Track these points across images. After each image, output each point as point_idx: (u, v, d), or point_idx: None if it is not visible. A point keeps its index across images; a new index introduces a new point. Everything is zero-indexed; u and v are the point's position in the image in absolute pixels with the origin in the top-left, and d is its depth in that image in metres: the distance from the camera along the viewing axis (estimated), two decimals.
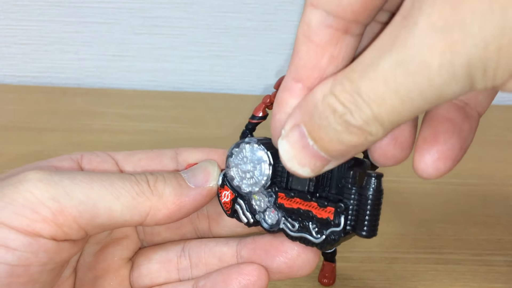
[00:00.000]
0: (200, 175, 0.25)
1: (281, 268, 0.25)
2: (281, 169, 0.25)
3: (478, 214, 0.48)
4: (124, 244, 0.28)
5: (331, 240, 0.23)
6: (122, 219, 0.23)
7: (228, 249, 0.27)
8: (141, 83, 0.76)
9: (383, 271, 0.40)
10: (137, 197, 0.23)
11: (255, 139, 0.25)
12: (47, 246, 0.21)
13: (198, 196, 0.25)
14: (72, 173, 0.23)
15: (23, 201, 0.21)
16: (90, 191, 0.22)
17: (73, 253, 0.23)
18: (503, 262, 0.41)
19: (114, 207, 0.22)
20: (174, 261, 0.28)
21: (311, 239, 0.23)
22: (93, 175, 0.23)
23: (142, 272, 0.28)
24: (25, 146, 0.57)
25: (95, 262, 0.27)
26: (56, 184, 0.22)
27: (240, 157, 0.25)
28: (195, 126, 0.62)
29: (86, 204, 0.22)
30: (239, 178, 0.25)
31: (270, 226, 0.25)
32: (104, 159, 0.27)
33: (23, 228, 0.21)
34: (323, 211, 0.23)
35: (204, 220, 0.29)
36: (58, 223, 0.21)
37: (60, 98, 0.70)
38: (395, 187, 0.52)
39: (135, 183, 0.23)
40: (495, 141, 0.62)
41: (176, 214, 0.24)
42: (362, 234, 0.22)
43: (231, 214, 0.26)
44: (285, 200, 0.24)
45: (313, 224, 0.23)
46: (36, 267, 0.21)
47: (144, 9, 0.72)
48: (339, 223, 0.22)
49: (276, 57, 0.74)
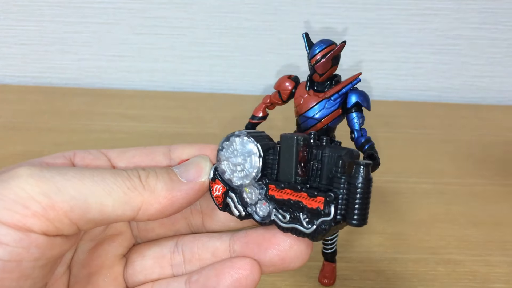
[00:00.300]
0: (192, 170, 0.26)
1: (274, 261, 0.25)
2: (271, 161, 0.25)
3: (478, 214, 0.48)
4: (118, 240, 0.28)
5: (321, 230, 0.23)
6: (114, 214, 0.23)
7: (221, 243, 0.27)
8: (141, 83, 0.76)
9: (383, 271, 0.40)
10: (128, 192, 0.23)
11: (245, 132, 0.25)
12: (39, 241, 0.21)
13: (190, 191, 0.25)
14: (63, 169, 0.23)
15: (14, 197, 0.21)
16: (81, 186, 0.22)
17: (66, 249, 0.23)
18: (503, 262, 0.41)
19: (105, 202, 0.22)
20: (167, 257, 0.28)
21: (302, 230, 0.23)
22: (84, 171, 0.23)
23: (136, 268, 0.28)
24: (25, 146, 0.57)
25: (89, 259, 0.27)
26: (47, 180, 0.22)
27: (231, 150, 0.25)
28: (195, 126, 0.62)
29: (77, 199, 0.22)
30: (230, 171, 0.26)
31: (261, 218, 0.25)
32: (97, 157, 0.27)
33: (14, 223, 0.20)
34: (313, 201, 0.23)
35: (198, 215, 0.29)
36: (49, 218, 0.21)
37: (60, 98, 0.70)
38: (395, 187, 0.52)
39: (127, 178, 0.23)
40: (495, 141, 0.62)
41: (168, 209, 0.24)
42: (353, 223, 0.22)
43: (223, 208, 0.26)
44: (276, 192, 0.24)
45: (303, 214, 0.23)
46: (27, 263, 0.21)
47: (144, 9, 0.72)
48: (329, 213, 0.22)
49: (276, 57, 0.74)
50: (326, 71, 0.31)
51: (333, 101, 0.31)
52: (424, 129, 0.66)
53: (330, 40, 0.31)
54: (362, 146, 0.31)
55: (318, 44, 0.31)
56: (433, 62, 0.74)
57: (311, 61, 0.31)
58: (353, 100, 0.31)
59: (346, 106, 0.31)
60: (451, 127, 0.66)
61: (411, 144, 0.61)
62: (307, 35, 0.32)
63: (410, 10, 0.70)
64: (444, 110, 0.72)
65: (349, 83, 0.31)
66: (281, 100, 0.34)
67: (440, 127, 0.66)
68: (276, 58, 0.74)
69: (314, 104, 0.31)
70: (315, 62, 0.30)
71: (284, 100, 0.34)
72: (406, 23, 0.71)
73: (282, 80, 0.34)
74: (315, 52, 0.31)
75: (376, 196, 0.50)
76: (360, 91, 0.32)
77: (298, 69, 0.72)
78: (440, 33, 0.72)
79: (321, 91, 0.32)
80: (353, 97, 0.31)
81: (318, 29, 0.70)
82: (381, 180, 0.52)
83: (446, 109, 0.72)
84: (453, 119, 0.69)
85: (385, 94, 0.76)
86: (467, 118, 0.69)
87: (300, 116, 0.32)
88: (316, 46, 0.31)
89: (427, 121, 0.68)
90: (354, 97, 0.31)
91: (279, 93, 0.34)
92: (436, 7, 0.70)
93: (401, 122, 0.67)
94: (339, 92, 0.31)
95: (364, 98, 0.31)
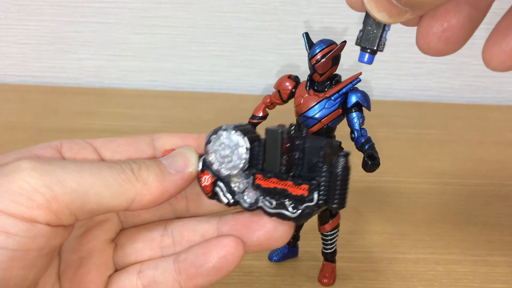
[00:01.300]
0: (180, 161, 0.27)
1: (260, 240, 0.27)
2: (256, 152, 0.27)
3: (478, 214, 0.48)
4: (106, 226, 0.30)
5: (306, 214, 0.25)
6: (110, 205, 0.24)
7: (209, 226, 0.29)
8: (141, 83, 0.76)
9: (383, 271, 0.40)
10: (124, 184, 0.24)
11: (232, 126, 0.27)
12: (43, 231, 0.22)
13: (179, 181, 0.26)
14: (62, 162, 0.24)
15: (19, 190, 0.22)
16: (81, 179, 0.23)
17: (65, 238, 0.24)
18: (503, 262, 0.41)
19: (103, 193, 0.24)
20: (157, 240, 0.30)
21: (288, 214, 0.25)
22: (83, 164, 0.24)
23: (127, 251, 0.30)
24: (25, 145, 0.56)
25: (79, 245, 0.29)
26: (49, 173, 0.23)
27: (218, 143, 0.27)
28: (195, 126, 0.62)
29: (77, 191, 0.23)
30: (218, 163, 0.27)
31: (249, 205, 0.27)
32: (83, 147, 0.29)
33: (20, 214, 0.22)
34: (298, 188, 0.25)
35: (183, 201, 0.31)
36: (52, 209, 0.22)
37: (60, 98, 0.70)
38: (395, 187, 0.52)
39: (121, 171, 0.25)
40: (495, 141, 0.62)
41: (160, 199, 0.26)
42: (333, 207, 0.25)
43: (211, 196, 0.28)
44: (262, 181, 0.26)
45: (289, 200, 0.25)
46: (34, 252, 0.22)
47: (144, 9, 0.72)
48: (313, 199, 0.25)
49: (276, 57, 0.74)
50: (326, 71, 0.31)
51: (333, 101, 0.31)
52: (424, 129, 0.66)
53: (330, 40, 0.31)
54: (362, 146, 0.31)
55: (318, 44, 0.31)
56: (433, 62, 0.74)
57: (311, 61, 0.31)
58: (353, 100, 0.31)
59: (346, 106, 0.31)
60: (451, 127, 0.66)
61: (411, 144, 0.61)
62: (307, 35, 0.32)
63: None
64: (444, 110, 0.72)
65: (349, 83, 0.31)
66: (281, 100, 0.34)
67: (440, 127, 0.66)
68: (276, 58, 0.74)
69: (314, 104, 0.32)
70: (315, 62, 0.31)
71: (284, 100, 0.34)
72: None
73: (282, 80, 0.34)
74: (315, 52, 0.31)
75: (376, 196, 0.50)
76: (360, 91, 0.32)
77: (298, 69, 0.72)
78: None
79: (321, 91, 0.32)
80: (353, 97, 0.31)
81: (318, 29, 0.70)
82: (381, 180, 0.52)
83: (446, 109, 0.72)
84: (453, 119, 0.69)
85: (385, 94, 0.76)
86: (467, 118, 0.69)
87: (300, 116, 0.32)
88: (316, 46, 0.31)
89: (427, 121, 0.68)
90: (354, 97, 0.31)
91: (279, 93, 0.34)
92: None
93: (401, 122, 0.67)
94: (339, 92, 0.31)
95: (364, 98, 0.31)
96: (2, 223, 0.21)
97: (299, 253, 0.41)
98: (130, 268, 0.29)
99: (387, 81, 0.75)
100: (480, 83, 0.76)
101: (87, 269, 0.28)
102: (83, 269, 0.28)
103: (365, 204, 0.48)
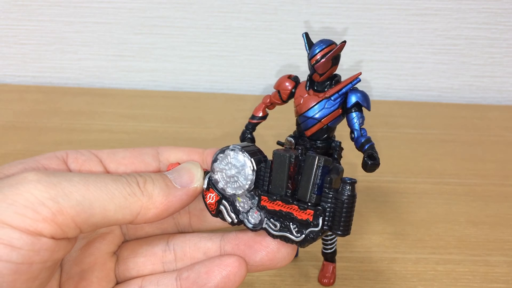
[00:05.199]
0: (185, 176, 0.27)
1: (263, 261, 0.27)
2: (262, 173, 0.27)
3: (477, 214, 0.48)
4: (109, 238, 0.30)
5: (310, 239, 0.25)
6: (114, 218, 0.24)
7: (212, 244, 0.29)
8: (141, 83, 0.76)
9: (383, 271, 0.40)
10: (129, 198, 0.24)
11: (239, 146, 0.27)
12: (48, 245, 0.22)
13: (184, 196, 0.26)
14: (68, 175, 0.24)
15: (24, 202, 0.22)
16: (86, 192, 0.23)
17: (68, 250, 0.24)
18: (503, 262, 0.41)
19: (108, 207, 0.23)
20: (159, 255, 0.30)
21: (292, 238, 0.26)
22: (88, 177, 0.24)
23: (129, 265, 0.30)
24: (25, 145, 0.57)
25: (81, 257, 0.29)
26: (55, 186, 0.23)
27: (225, 163, 0.27)
28: (195, 126, 0.62)
29: (83, 204, 0.23)
30: (224, 182, 0.27)
31: (253, 225, 0.27)
32: (88, 158, 0.28)
33: (25, 228, 0.21)
34: (303, 213, 0.25)
35: (185, 216, 0.31)
36: (58, 222, 0.22)
37: (60, 98, 0.70)
38: (395, 187, 0.52)
39: (127, 184, 0.25)
40: (495, 141, 0.62)
41: (164, 213, 0.26)
42: (338, 234, 0.25)
43: (215, 214, 0.28)
44: (268, 203, 0.26)
45: (293, 224, 0.26)
46: (37, 265, 0.22)
47: (144, 9, 0.72)
48: (318, 224, 0.25)
49: (276, 57, 0.74)
50: (326, 71, 0.31)
51: (333, 101, 0.31)
52: (424, 129, 0.66)
53: (330, 40, 0.31)
54: (362, 146, 0.31)
55: (318, 44, 0.31)
56: (433, 62, 0.74)
57: (311, 61, 0.31)
58: (353, 100, 0.31)
59: (346, 106, 0.31)
60: (451, 127, 0.66)
61: (411, 144, 0.61)
62: (307, 35, 0.32)
63: (410, 10, 0.70)
64: (444, 110, 0.72)
65: (349, 83, 0.31)
66: (281, 100, 0.34)
67: (440, 127, 0.66)
68: (276, 58, 0.74)
69: (314, 104, 0.31)
70: (315, 62, 0.30)
71: (284, 100, 0.34)
72: (406, 23, 0.71)
73: (282, 80, 0.34)
74: (315, 52, 0.31)
75: (376, 196, 0.50)
76: (360, 91, 0.32)
77: (298, 69, 0.72)
78: (440, 33, 0.72)
79: (321, 91, 0.32)
80: (353, 97, 0.31)
81: (318, 29, 0.70)
82: (381, 180, 0.52)
83: (446, 109, 0.72)
84: (453, 119, 0.69)
85: (385, 94, 0.76)
86: (467, 118, 0.69)
87: (300, 116, 0.32)
88: (316, 46, 0.31)
89: (427, 121, 0.68)
90: (354, 97, 0.31)
91: (279, 93, 0.34)
92: (436, 7, 0.70)
93: (401, 122, 0.67)
94: (339, 92, 0.31)
95: (364, 98, 0.31)
96: (7, 236, 0.21)
97: (299, 253, 0.41)
98: (131, 282, 0.29)
99: (387, 81, 0.75)
100: (480, 83, 0.76)
101: (88, 282, 0.28)
102: (85, 282, 0.28)
103: (365, 204, 0.48)
